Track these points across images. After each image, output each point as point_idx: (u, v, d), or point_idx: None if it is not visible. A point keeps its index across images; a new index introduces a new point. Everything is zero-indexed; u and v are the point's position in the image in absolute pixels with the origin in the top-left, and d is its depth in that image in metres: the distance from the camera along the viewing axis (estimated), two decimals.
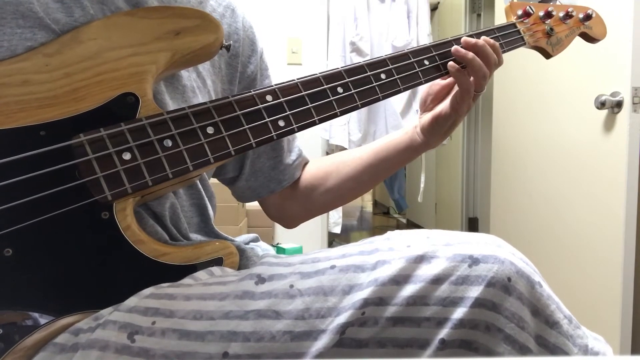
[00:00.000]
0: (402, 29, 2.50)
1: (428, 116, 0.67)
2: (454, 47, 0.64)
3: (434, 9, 3.49)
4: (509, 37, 0.72)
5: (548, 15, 0.75)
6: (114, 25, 0.48)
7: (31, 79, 0.44)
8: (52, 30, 0.46)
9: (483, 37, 0.65)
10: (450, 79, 0.67)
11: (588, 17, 0.78)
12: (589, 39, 0.82)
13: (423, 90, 0.70)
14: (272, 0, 2.39)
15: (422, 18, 2.54)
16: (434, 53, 0.64)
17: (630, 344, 1.41)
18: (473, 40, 0.63)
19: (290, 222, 0.77)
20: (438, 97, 0.68)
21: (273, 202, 0.74)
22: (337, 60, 2.42)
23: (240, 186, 0.71)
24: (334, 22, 2.45)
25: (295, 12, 2.43)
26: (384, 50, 2.47)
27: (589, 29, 0.80)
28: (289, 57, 2.43)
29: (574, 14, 0.78)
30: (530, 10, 0.74)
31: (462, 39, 0.64)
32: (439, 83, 0.68)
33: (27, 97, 0.44)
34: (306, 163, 0.75)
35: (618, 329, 1.40)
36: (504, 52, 0.70)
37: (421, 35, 2.53)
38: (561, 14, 0.77)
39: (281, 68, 2.42)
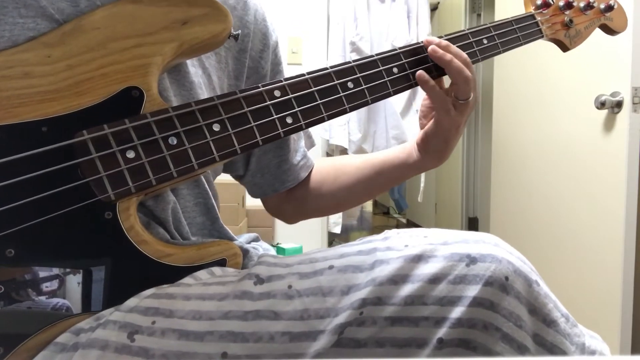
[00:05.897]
0: (402, 29, 2.50)
1: (421, 133, 0.65)
2: (431, 47, 0.59)
3: (434, 9, 3.49)
4: (526, 30, 0.69)
5: (568, 5, 0.72)
6: (119, 13, 0.46)
7: (32, 71, 0.43)
8: (55, 20, 0.45)
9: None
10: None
11: (610, 7, 0.75)
12: (609, 31, 0.78)
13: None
14: (272, 0, 2.39)
15: (422, 18, 2.54)
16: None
17: (630, 344, 1.41)
18: (444, 42, 0.59)
19: (287, 221, 0.77)
20: (428, 112, 0.64)
21: (273, 201, 0.74)
22: (337, 60, 2.41)
23: (247, 182, 0.71)
24: (334, 22, 2.45)
25: (295, 12, 2.43)
26: (383, 50, 2.47)
27: (609, 20, 0.76)
28: (289, 57, 2.43)
29: (595, 4, 0.74)
30: (551, 1, 0.71)
31: (434, 42, 0.59)
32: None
33: (29, 91, 0.42)
34: (311, 166, 0.74)
35: (618, 329, 1.40)
36: (520, 45, 0.68)
37: (421, 35, 2.53)
38: (582, 5, 0.74)
39: None
